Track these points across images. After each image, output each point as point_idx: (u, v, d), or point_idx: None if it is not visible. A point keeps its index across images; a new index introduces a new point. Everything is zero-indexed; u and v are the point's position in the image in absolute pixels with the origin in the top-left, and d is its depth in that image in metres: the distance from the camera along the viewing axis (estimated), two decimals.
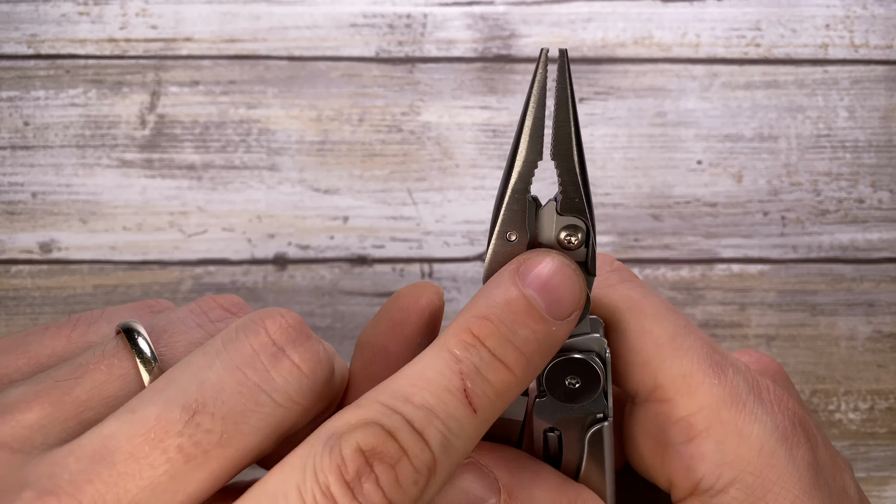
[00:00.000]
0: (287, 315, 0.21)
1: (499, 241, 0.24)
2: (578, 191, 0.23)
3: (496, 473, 0.22)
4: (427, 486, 0.19)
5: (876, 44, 0.44)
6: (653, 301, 0.25)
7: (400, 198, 0.43)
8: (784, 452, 0.23)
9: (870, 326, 0.43)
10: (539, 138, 0.23)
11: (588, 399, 0.23)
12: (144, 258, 0.42)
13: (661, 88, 0.44)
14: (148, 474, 0.18)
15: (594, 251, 0.23)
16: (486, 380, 0.20)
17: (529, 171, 0.23)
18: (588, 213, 0.23)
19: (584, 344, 0.24)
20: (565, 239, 0.23)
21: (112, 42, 0.43)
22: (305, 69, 0.43)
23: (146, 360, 0.20)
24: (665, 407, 0.24)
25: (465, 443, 0.20)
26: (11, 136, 0.42)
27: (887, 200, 0.44)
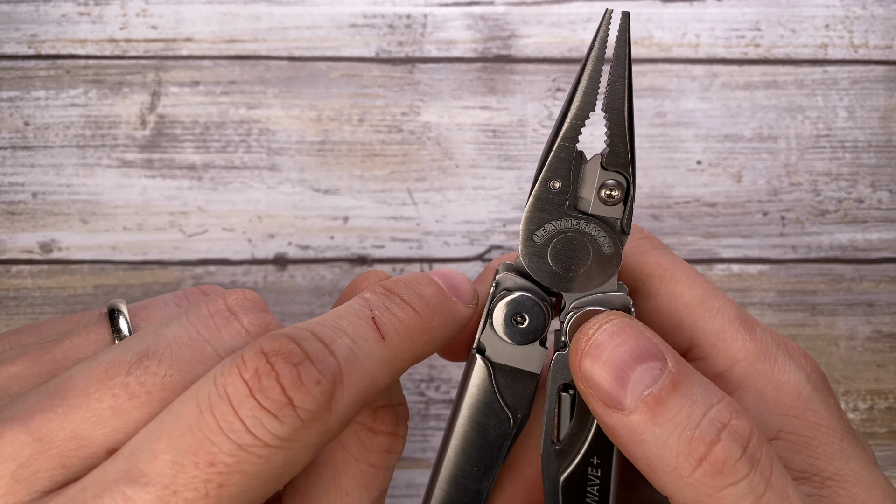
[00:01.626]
0: (248, 292, 0.23)
1: (542, 188, 0.24)
2: (625, 145, 0.23)
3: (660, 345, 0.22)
4: (333, 395, 0.19)
5: (875, 44, 0.44)
6: (682, 267, 0.26)
7: (400, 198, 0.43)
8: (819, 398, 0.24)
9: (869, 326, 0.43)
10: (594, 92, 0.23)
11: None
12: (145, 258, 0.42)
13: (660, 88, 0.44)
14: (94, 407, 0.19)
15: (631, 210, 0.24)
16: (394, 314, 0.21)
17: (580, 123, 0.24)
18: (632, 170, 0.23)
19: (609, 301, 0.24)
20: (605, 194, 0.23)
21: (112, 42, 0.43)
22: (305, 69, 0.43)
23: (118, 329, 0.23)
24: (701, 365, 0.24)
25: (374, 366, 0.20)
26: (12, 137, 0.42)
27: (887, 200, 0.44)
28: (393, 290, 0.22)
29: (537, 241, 0.24)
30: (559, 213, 0.24)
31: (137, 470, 0.18)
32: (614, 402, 0.21)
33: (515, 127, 0.43)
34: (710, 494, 0.20)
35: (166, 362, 0.20)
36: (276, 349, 0.19)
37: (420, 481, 0.42)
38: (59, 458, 0.19)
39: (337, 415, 0.19)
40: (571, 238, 0.24)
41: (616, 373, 0.21)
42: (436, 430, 0.43)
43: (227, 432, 0.18)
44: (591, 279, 0.24)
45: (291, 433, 0.18)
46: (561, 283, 0.24)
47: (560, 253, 0.24)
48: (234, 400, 0.18)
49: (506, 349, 0.24)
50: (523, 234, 0.24)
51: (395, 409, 0.23)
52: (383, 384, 0.21)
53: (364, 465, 0.23)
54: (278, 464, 0.18)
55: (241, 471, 0.18)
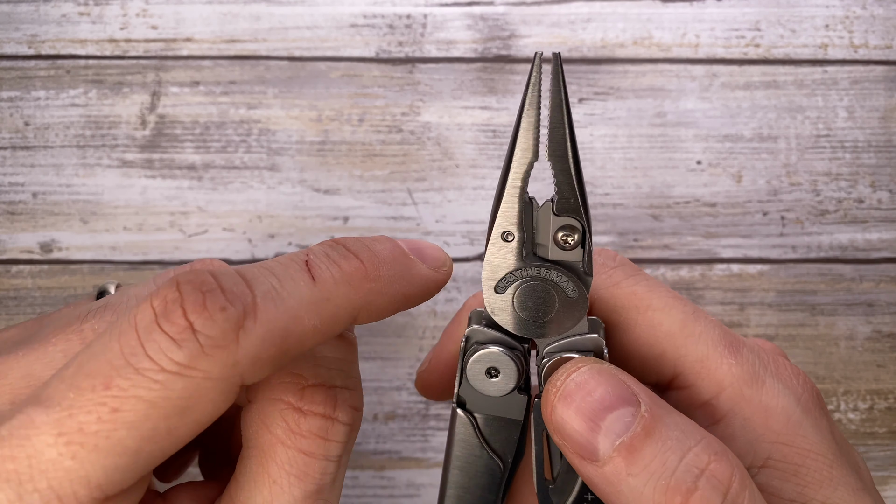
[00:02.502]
0: (216, 261, 0.24)
1: (496, 240, 0.24)
2: (573, 191, 0.23)
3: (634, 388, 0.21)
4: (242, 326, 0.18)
5: (875, 44, 0.44)
6: (659, 293, 0.25)
7: (400, 198, 0.43)
8: (809, 422, 0.23)
9: (869, 326, 0.43)
10: (535, 139, 0.23)
11: None
12: (145, 258, 0.42)
13: (660, 89, 0.44)
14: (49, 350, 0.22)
15: (591, 252, 0.23)
16: (332, 259, 0.21)
17: (526, 172, 0.24)
18: (584, 213, 0.23)
19: (582, 344, 0.24)
20: (562, 239, 0.23)
21: (112, 42, 0.43)
22: (305, 69, 0.43)
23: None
24: (687, 393, 0.24)
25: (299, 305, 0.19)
26: (12, 137, 0.42)
27: (887, 200, 0.44)
28: (340, 241, 0.22)
29: (500, 292, 0.24)
30: (518, 263, 0.24)
31: (45, 394, 0.18)
32: (588, 454, 0.20)
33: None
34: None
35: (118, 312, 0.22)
36: (190, 279, 0.18)
37: (420, 481, 0.42)
38: (10, 395, 0.21)
39: (246, 348, 0.18)
40: (534, 286, 0.24)
41: (587, 422, 0.21)
42: (436, 430, 0.43)
43: (126, 357, 0.18)
44: (561, 324, 0.24)
45: (190, 359, 0.18)
46: (531, 329, 0.24)
47: (525, 301, 0.24)
48: (139, 326, 0.18)
49: (485, 400, 0.24)
50: (485, 287, 0.24)
51: (333, 391, 0.22)
52: (311, 326, 0.19)
53: (293, 451, 0.21)
54: (177, 393, 0.18)
55: (137, 396, 0.17)
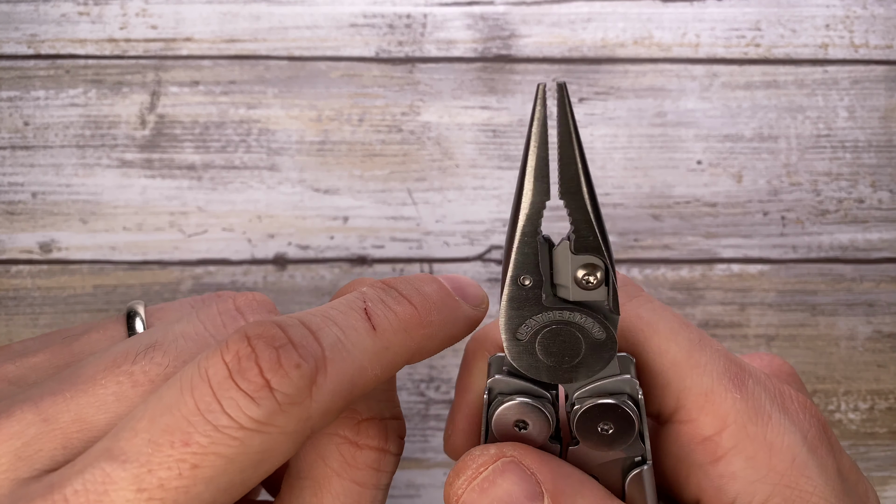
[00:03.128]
0: (258, 295, 0.23)
1: (512, 287, 0.23)
2: (592, 228, 0.22)
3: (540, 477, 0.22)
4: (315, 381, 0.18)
5: (876, 44, 0.44)
6: (664, 317, 0.24)
7: (400, 198, 0.43)
8: (815, 462, 0.22)
9: (870, 326, 0.43)
10: (544, 177, 0.22)
11: (623, 444, 0.22)
12: (144, 258, 0.42)
13: (661, 88, 0.44)
14: (99, 392, 0.20)
15: (615, 290, 0.22)
16: (389, 307, 0.21)
17: (538, 213, 0.22)
18: (605, 250, 0.22)
19: (614, 386, 0.23)
20: (583, 279, 0.22)
21: (112, 42, 0.43)
22: (305, 69, 0.43)
23: (133, 327, 0.24)
24: (689, 427, 0.23)
25: (363, 356, 0.20)
26: (11, 136, 0.42)
27: (887, 200, 0.44)
28: (391, 285, 0.22)
29: (522, 338, 0.23)
30: (538, 308, 0.23)
31: (118, 447, 0.18)
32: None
33: (515, 127, 0.43)
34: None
35: (171, 354, 0.21)
36: (260, 333, 0.19)
37: (420, 482, 0.42)
38: (62, 439, 0.20)
39: (319, 402, 0.19)
40: (557, 331, 0.22)
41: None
42: (436, 431, 0.43)
43: (203, 413, 0.18)
44: (590, 367, 0.23)
45: (268, 416, 0.18)
46: (558, 376, 0.23)
47: (549, 347, 0.23)
48: (213, 381, 0.18)
49: None
50: (505, 336, 0.23)
51: (384, 423, 0.23)
52: (373, 376, 0.20)
53: (347, 482, 0.22)
54: (255, 448, 0.18)
55: (216, 452, 0.18)
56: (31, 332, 0.42)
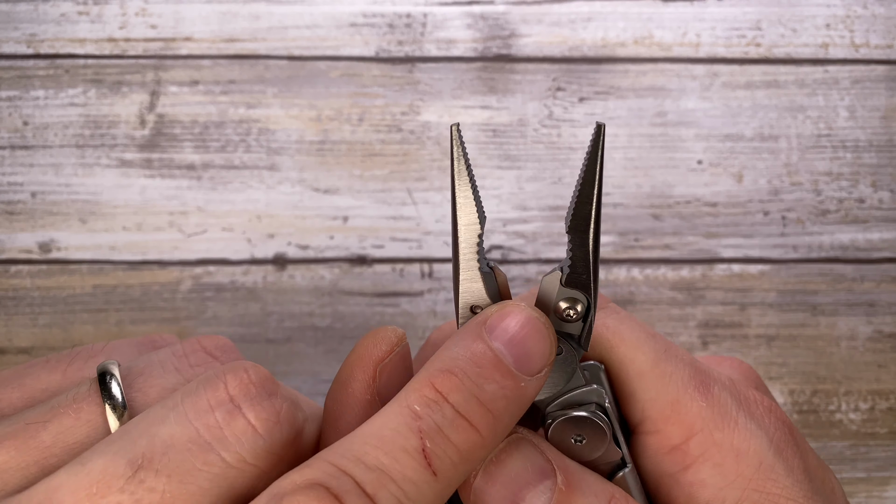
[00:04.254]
0: (252, 370, 0.20)
1: (465, 315, 0.22)
2: (588, 269, 0.22)
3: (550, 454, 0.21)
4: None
5: (876, 43, 0.44)
6: (631, 326, 0.24)
7: (400, 198, 0.43)
8: (782, 464, 0.22)
9: (870, 326, 0.43)
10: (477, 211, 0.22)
11: (598, 451, 0.23)
12: (144, 258, 0.42)
13: (661, 88, 0.44)
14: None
15: (591, 328, 0.22)
16: (448, 439, 0.19)
17: (478, 244, 0.22)
18: (593, 292, 0.22)
19: (582, 397, 0.23)
20: (564, 311, 0.22)
21: (111, 42, 0.43)
22: (305, 69, 0.43)
23: (115, 405, 0.20)
24: (657, 438, 0.23)
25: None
26: (11, 136, 0.42)
27: (888, 200, 0.44)
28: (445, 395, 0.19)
29: None
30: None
31: None
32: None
33: (516, 126, 0.43)
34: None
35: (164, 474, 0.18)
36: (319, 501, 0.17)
37: None
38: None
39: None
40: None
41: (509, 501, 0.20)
42: None
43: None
44: (553, 382, 0.23)
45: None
46: None
47: None
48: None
49: None
50: None
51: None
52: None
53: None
54: None
55: None
56: (30, 331, 0.42)
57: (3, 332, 0.42)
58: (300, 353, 0.42)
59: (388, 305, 0.42)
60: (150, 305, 0.42)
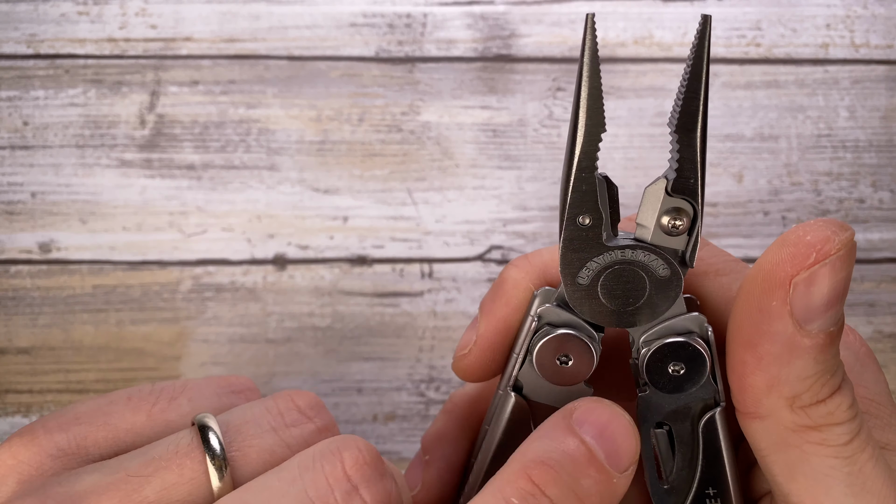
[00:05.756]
0: (364, 449, 0.20)
1: (570, 227, 0.21)
2: (696, 172, 0.21)
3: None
4: None
5: (877, 43, 0.44)
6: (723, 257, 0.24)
7: (400, 198, 0.43)
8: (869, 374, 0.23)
9: (870, 327, 0.43)
10: (598, 109, 0.21)
11: (695, 384, 0.21)
12: (144, 258, 0.42)
13: (661, 88, 0.44)
14: None
15: (697, 241, 0.21)
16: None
17: (594, 147, 0.21)
18: (701, 198, 0.21)
19: (682, 325, 0.22)
20: (669, 223, 0.21)
21: (111, 42, 0.43)
22: (305, 69, 0.43)
23: (218, 464, 0.20)
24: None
25: None
26: (10, 136, 0.42)
27: (888, 200, 0.44)
28: (543, 488, 0.19)
29: (583, 282, 0.22)
30: (598, 249, 0.21)
31: None
32: (804, 317, 0.19)
33: (516, 126, 0.43)
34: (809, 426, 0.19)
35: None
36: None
37: None
38: None
39: None
40: (620, 271, 0.22)
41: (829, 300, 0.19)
42: None
43: None
44: (654, 308, 0.22)
45: None
46: (622, 320, 0.22)
47: (612, 289, 0.22)
48: None
49: (546, 388, 0.22)
50: (565, 279, 0.22)
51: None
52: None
53: None
54: None
55: None
56: (30, 332, 0.42)
57: (3, 332, 0.42)
58: (300, 353, 0.42)
59: (388, 305, 0.42)
60: (150, 305, 0.42)
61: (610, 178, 0.22)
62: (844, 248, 0.20)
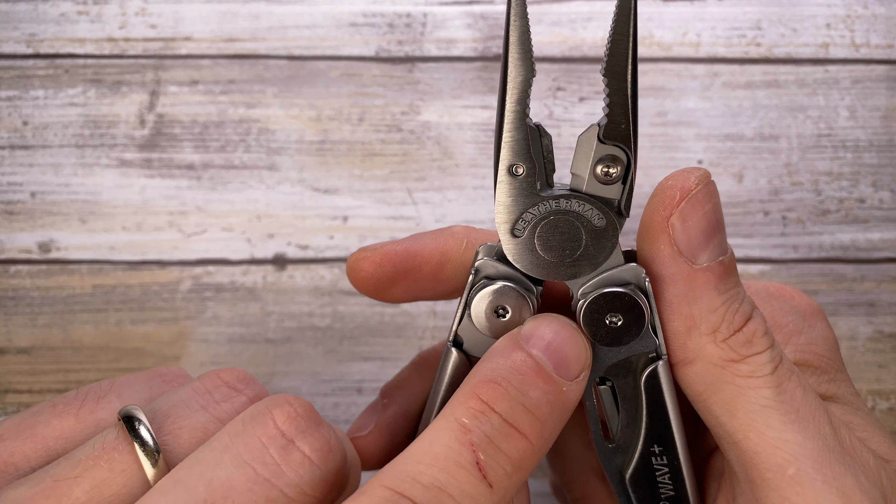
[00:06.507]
0: (295, 403, 0.20)
1: (506, 177, 0.21)
2: (627, 116, 0.20)
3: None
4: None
5: (877, 43, 0.44)
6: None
7: (400, 198, 0.43)
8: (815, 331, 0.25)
9: (871, 326, 0.43)
10: (528, 53, 0.21)
11: (634, 336, 0.21)
12: (143, 258, 0.42)
13: (661, 88, 0.44)
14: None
15: (632, 189, 0.21)
16: (500, 449, 0.19)
17: (525, 92, 0.21)
18: (633, 143, 0.21)
19: (620, 276, 0.22)
20: (602, 171, 0.21)
21: (111, 41, 0.43)
22: (305, 69, 0.43)
23: (149, 451, 0.19)
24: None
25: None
26: (10, 136, 0.42)
27: (888, 200, 0.44)
28: (491, 405, 0.19)
29: (519, 234, 0.22)
30: (533, 199, 0.21)
31: None
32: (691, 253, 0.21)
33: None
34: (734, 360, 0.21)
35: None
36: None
37: None
38: None
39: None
40: (556, 222, 0.21)
41: (705, 231, 0.21)
42: None
43: None
44: (592, 259, 0.22)
45: None
46: (559, 272, 0.22)
47: (549, 241, 0.21)
48: None
49: (486, 343, 0.22)
50: (502, 232, 0.22)
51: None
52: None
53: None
54: None
55: None
56: (30, 331, 0.42)
57: (2, 332, 0.42)
58: (300, 353, 0.42)
59: (387, 305, 0.42)
60: (150, 305, 0.42)
61: (543, 126, 0.21)
62: (702, 182, 0.21)
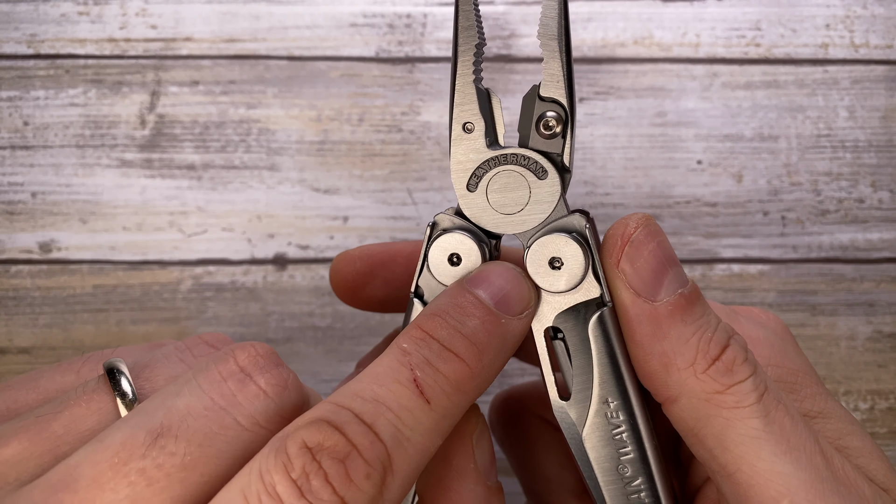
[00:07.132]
0: (258, 346, 0.21)
1: (458, 134, 0.24)
2: (561, 72, 0.22)
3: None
4: (384, 483, 0.18)
5: (876, 44, 0.44)
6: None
7: (400, 198, 0.43)
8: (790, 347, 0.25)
9: (870, 326, 0.43)
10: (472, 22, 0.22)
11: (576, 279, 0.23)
12: (144, 258, 0.42)
13: (661, 88, 0.44)
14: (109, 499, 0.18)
15: (573, 143, 0.23)
16: (438, 370, 0.20)
17: (475, 56, 0.23)
18: (569, 98, 0.22)
19: (562, 224, 0.23)
20: (543, 125, 0.23)
21: (112, 42, 0.43)
22: (305, 69, 0.43)
23: (123, 393, 0.21)
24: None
25: (423, 437, 0.19)
26: (11, 136, 0.42)
27: (888, 200, 0.44)
28: (431, 333, 0.21)
29: (472, 189, 0.23)
30: (482, 154, 0.23)
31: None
32: (648, 292, 0.21)
33: (516, 126, 0.43)
34: (718, 391, 0.21)
35: (184, 439, 0.19)
36: (321, 443, 0.18)
37: None
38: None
39: (389, 499, 0.18)
40: (504, 176, 0.23)
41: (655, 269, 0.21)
42: None
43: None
44: (538, 211, 0.23)
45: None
46: (510, 225, 0.23)
47: (498, 195, 0.23)
48: (285, 501, 0.17)
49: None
50: (457, 187, 0.23)
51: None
52: (435, 449, 0.20)
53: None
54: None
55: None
56: (30, 331, 0.42)
57: (3, 332, 0.42)
58: (300, 353, 0.42)
59: None
60: (151, 305, 0.42)
61: (492, 90, 0.24)
62: (641, 225, 0.22)
